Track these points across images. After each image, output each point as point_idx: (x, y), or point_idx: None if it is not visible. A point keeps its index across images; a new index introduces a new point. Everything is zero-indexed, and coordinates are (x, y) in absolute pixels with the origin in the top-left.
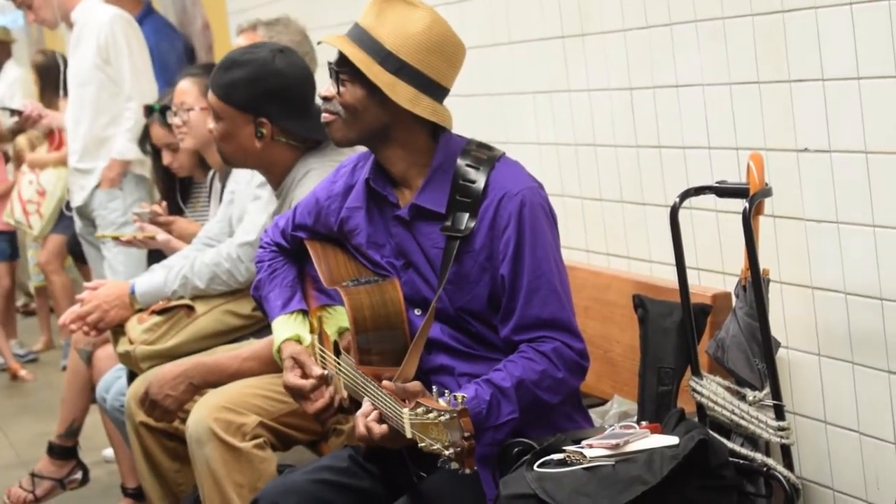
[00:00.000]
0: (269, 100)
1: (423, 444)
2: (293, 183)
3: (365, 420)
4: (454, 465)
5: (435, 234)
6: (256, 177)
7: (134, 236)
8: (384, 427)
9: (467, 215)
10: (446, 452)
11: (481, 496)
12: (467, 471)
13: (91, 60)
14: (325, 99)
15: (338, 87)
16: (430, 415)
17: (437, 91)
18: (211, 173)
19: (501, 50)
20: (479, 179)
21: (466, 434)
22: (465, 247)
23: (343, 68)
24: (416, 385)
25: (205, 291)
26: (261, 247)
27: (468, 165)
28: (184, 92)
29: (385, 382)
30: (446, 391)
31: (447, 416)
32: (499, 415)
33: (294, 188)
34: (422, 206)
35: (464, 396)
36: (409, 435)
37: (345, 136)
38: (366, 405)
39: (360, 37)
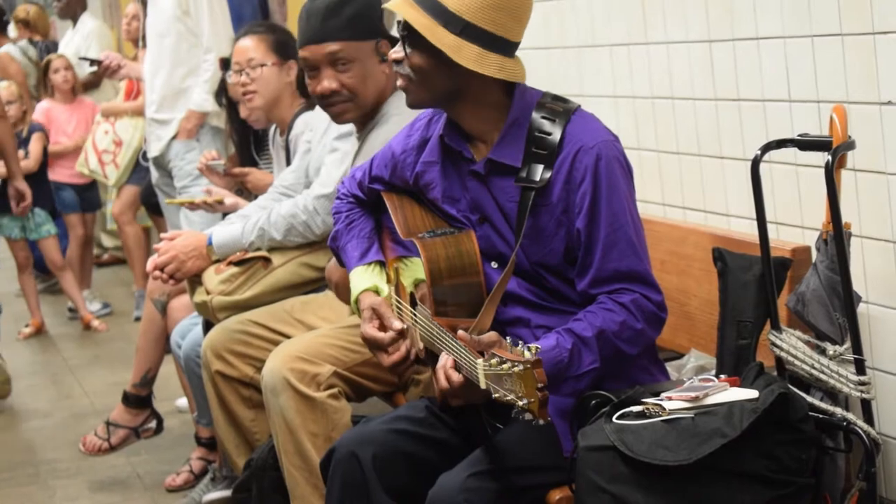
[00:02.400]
0: (380, 17)
1: (497, 395)
2: (373, 126)
3: (444, 370)
4: (528, 416)
5: (510, 188)
6: (333, 129)
7: (203, 200)
8: (462, 375)
9: (542, 167)
10: (520, 403)
11: (557, 449)
12: (541, 422)
13: (170, 12)
14: (396, 62)
15: (405, 50)
16: (504, 365)
17: (506, 47)
18: (272, 129)
19: (579, 2)
20: (555, 132)
21: (540, 385)
22: (540, 199)
23: (408, 32)
24: (492, 335)
25: (281, 243)
26: (338, 198)
27: (543, 118)
28: (249, 49)
29: (461, 333)
30: (521, 342)
31: (521, 367)
32: (580, 364)
33: (372, 130)
34: (497, 161)
35: (538, 347)
36: (482, 385)
37: (417, 98)
38: (443, 358)
39: (428, 2)
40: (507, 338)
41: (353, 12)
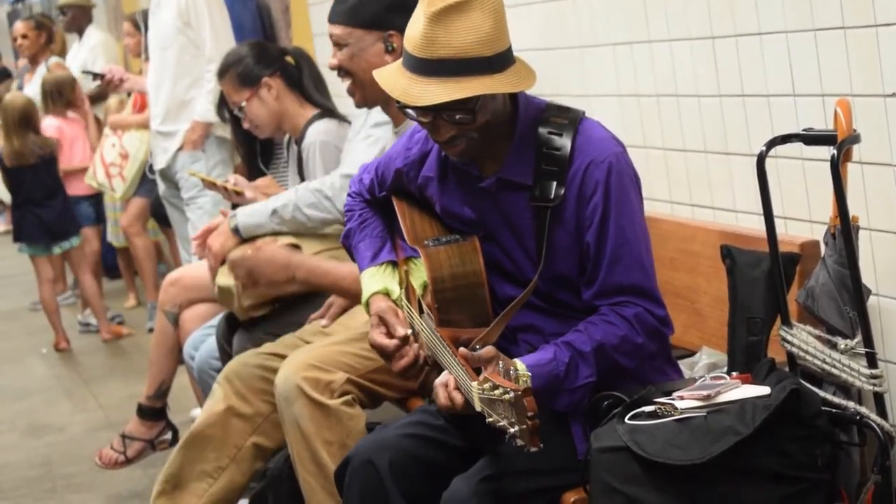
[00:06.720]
0: (395, 10)
1: (490, 420)
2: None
3: (446, 391)
4: (520, 443)
5: (521, 205)
6: (372, 117)
7: (224, 185)
8: (462, 396)
9: (555, 183)
10: (511, 430)
11: (572, 450)
12: (533, 449)
13: (172, 23)
14: (452, 139)
15: (462, 122)
16: (497, 391)
17: (511, 53)
18: (287, 137)
19: (580, 2)
20: (564, 145)
21: (530, 413)
22: (555, 217)
23: (471, 102)
24: (489, 351)
25: (305, 218)
26: (349, 195)
27: (550, 133)
28: (226, 93)
29: (461, 350)
30: (511, 367)
31: (512, 395)
32: (576, 377)
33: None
34: (508, 179)
35: (528, 375)
36: (477, 408)
37: (474, 150)
38: (444, 376)
39: (456, 66)
40: (507, 367)
41: (357, 1)
